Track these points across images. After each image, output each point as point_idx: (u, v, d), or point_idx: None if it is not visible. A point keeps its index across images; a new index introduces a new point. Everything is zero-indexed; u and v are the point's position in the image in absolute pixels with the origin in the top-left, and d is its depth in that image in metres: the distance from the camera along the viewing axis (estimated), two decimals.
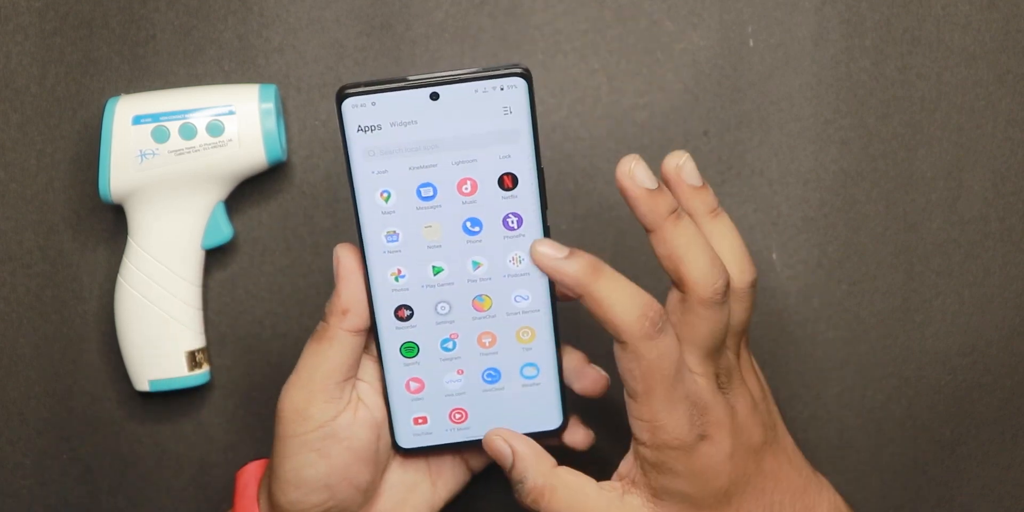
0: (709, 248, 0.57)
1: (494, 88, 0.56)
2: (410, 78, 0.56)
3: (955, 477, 0.72)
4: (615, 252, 0.70)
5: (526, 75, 0.56)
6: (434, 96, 0.56)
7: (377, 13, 0.69)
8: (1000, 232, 0.71)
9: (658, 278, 0.70)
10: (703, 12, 0.69)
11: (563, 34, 0.70)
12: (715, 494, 0.58)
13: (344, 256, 0.59)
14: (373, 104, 0.56)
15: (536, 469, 0.59)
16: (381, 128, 0.56)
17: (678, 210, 0.57)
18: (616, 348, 0.57)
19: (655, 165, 0.70)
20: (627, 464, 0.59)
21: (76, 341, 0.71)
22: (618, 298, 0.56)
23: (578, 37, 0.70)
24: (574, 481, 0.59)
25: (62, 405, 0.71)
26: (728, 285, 0.57)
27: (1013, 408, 0.72)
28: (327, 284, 0.70)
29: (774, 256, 0.71)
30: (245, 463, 0.71)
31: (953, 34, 0.70)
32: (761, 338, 0.71)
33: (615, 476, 0.60)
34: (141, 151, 0.66)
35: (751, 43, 0.70)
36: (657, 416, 0.56)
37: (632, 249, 0.70)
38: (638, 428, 0.57)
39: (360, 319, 0.59)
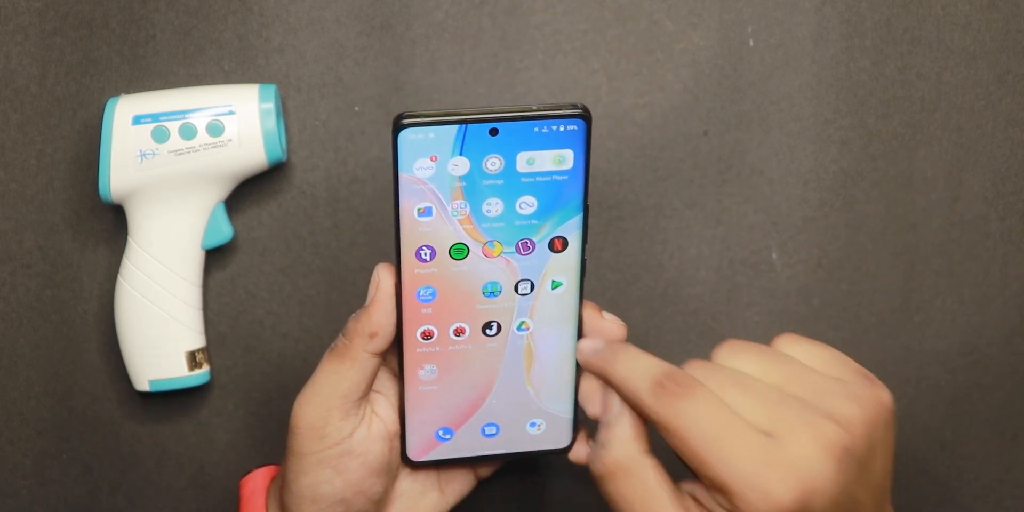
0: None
1: (554, 127, 0.56)
2: (468, 111, 0.55)
3: (955, 477, 0.72)
4: (615, 252, 0.70)
5: (586, 116, 0.55)
6: (493, 132, 0.55)
7: (377, 13, 0.69)
8: (1000, 232, 0.71)
9: (659, 277, 0.71)
10: (703, 12, 0.69)
11: (563, 34, 0.70)
12: None
13: (384, 278, 0.58)
14: (431, 136, 0.55)
15: (626, 444, 0.54)
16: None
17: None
18: (656, 428, 0.53)
19: (657, 164, 0.70)
20: (705, 497, 0.53)
21: (76, 341, 0.71)
22: (629, 373, 0.54)
23: (578, 37, 0.70)
24: (652, 479, 0.53)
25: (62, 405, 0.71)
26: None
27: (1013, 408, 0.72)
28: (327, 284, 0.70)
29: (774, 256, 0.71)
30: (244, 463, 0.71)
31: (953, 34, 0.70)
32: (761, 338, 0.71)
33: (687, 487, 0.54)
34: (141, 151, 0.66)
35: (751, 43, 0.70)
36: (727, 486, 0.50)
37: (632, 249, 0.70)
38: (717, 499, 0.51)
39: (386, 342, 0.58)
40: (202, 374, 0.69)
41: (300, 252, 0.70)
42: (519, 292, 0.59)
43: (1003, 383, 0.72)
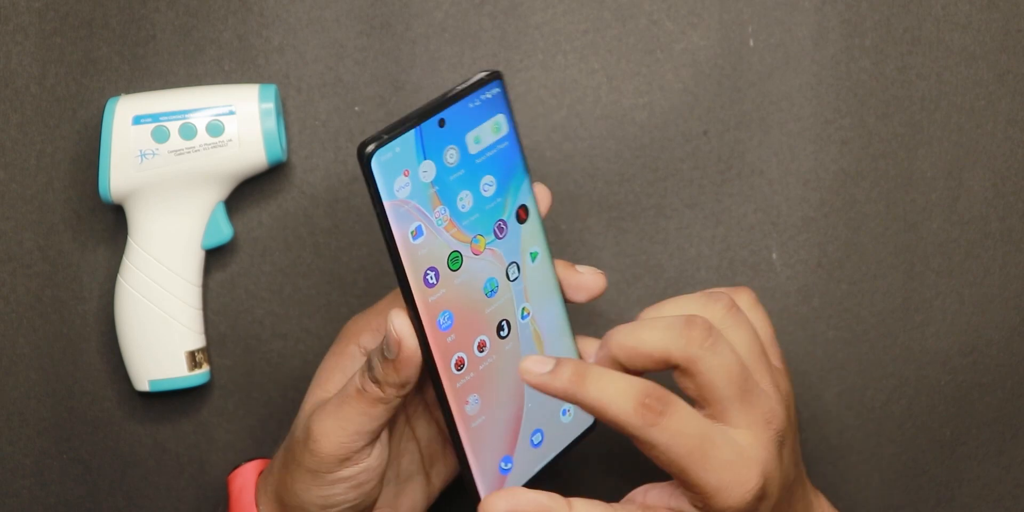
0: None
1: (483, 97, 0.56)
2: (412, 114, 0.54)
3: (955, 477, 0.72)
4: (615, 252, 0.70)
5: (499, 75, 0.56)
6: (441, 123, 0.55)
7: (377, 13, 0.69)
8: (1000, 232, 0.71)
9: (658, 277, 0.71)
10: (703, 12, 0.69)
11: (563, 34, 0.70)
12: None
13: (404, 330, 0.55)
14: (397, 150, 0.53)
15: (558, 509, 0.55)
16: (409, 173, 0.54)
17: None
18: (634, 442, 0.55)
19: (657, 164, 0.70)
20: (660, 499, 0.57)
21: (76, 341, 0.71)
22: (607, 397, 0.53)
23: (578, 37, 0.70)
24: None
25: (62, 405, 0.71)
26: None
27: (1013, 408, 0.72)
28: (327, 284, 0.70)
29: (774, 256, 0.71)
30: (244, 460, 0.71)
31: (953, 34, 0.70)
32: None
33: (636, 497, 0.57)
34: (141, 151, 0.66)
35: (751, 43, 0.70)
36: (705, 489, 0.54)
37: (632, 249, 0.70)
38: (690, 496, 0.55)
39: (413, 384, 0.57)
40: (202, 374, 0.69)
41: (300, 252, 0.70)
42: (510, 279, 0.58)
43: (1003, 383, 0.72)
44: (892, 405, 0.72)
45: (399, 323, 0.55)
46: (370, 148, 0.52)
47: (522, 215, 0.58)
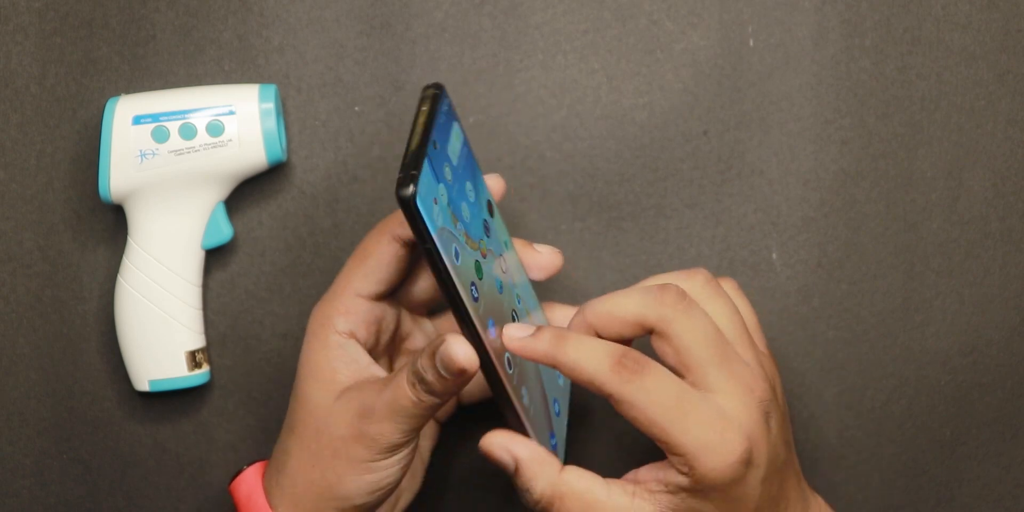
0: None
1: (444, 110, 0.57)
2: (414, 142, 0.54)
3: (955, 477, 0.72)
4: (615, 252, 0.70)
5: (442, 86, 0.57)
6: (436, 145, 0.55)
7: (377, 13, 0.69)
8: (1000, 232, 0.71)
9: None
10: (703, 12, 0.69)
11: (563, 34, 0.70)
12: None
13: (470, 356, 0.56)
14: (425, 182, 0.54)
15: (543, 476, 0.57)
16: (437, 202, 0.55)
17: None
18: (612, 404, 0.56)
19: (657, 164, 0.70)
20: (650, 473, 0.58)
21: (76, 341, 0.71)
22: (584, 357, 0.55)
23: (578, 37, 0.70)
24: (583, 485, 0.57)
25: (62, 405, 0.71)
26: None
27: (1013, 408, 0.72)
28: (327, 284, 0.70)
29: (774, 256, 0.71)
30: (244, 463, 0.71)
31: (953, 34, 0.70)
32: None
33: (628, 476, 0.59)
34: (141, 151, 0.66)
35: (751, 43, 0.70)
36: (686, 449, 0.55)
37: (632, 249, 0.70)
38: (674, 461, 0.56)
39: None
40: (202, 374, 0.69)
41: (300, 252, 0.70)
42: (503, 271, 0.60)
43: (1003, 383, 0.72)
44: (892, 405, 0.72)
45: (462, 349, 0.55)
46: (410, 189, 0.52)
47: (490, 209, 0.61)
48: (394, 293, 0.63)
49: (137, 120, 0.66)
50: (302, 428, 0.61)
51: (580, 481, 0.57)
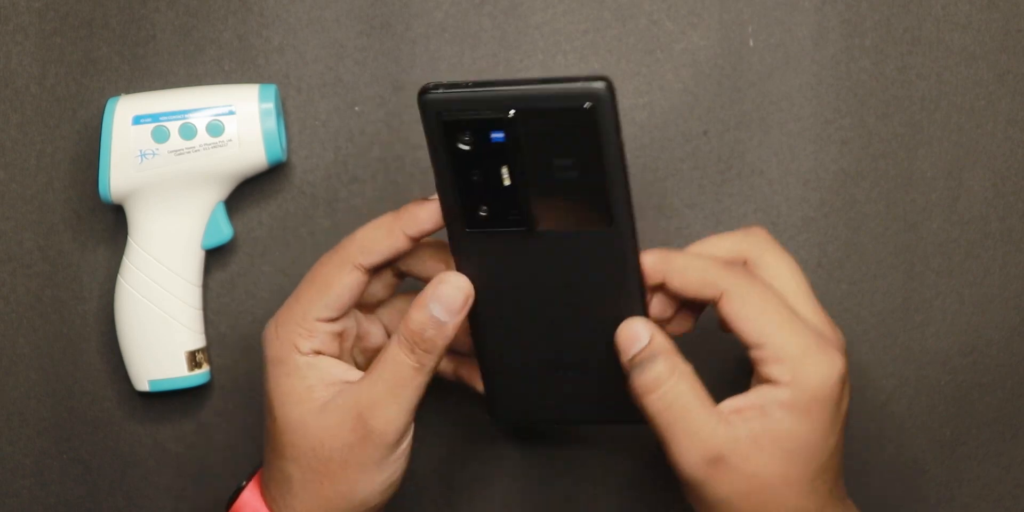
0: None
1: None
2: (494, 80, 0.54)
3: (955, 477, 0.72)
4: None
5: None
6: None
7: (377, 13, 0.69)
8: (1000, 232, 0.71)
9: None
10: (703, 12, 0.69)
11: (563, 34, 0.70)
12: (822, 460, 0.58)
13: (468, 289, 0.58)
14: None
15: (669, 358, 0.58)
16: None
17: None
18: (720, 306, 0.57)
19: (657, 164, 0.70)
20: (740, 401, 0.58)
21: (76, 341, 0.71)
22: (694, 261, 0.58)
23: (578, 37, 0.70)
24: (692, 388, 0.57)
25: (62, 405, 0.71)
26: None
27: (1013, 408, 0.72)
28: None
29: None
30: (244, 464, 0.71)
31: (953, 34, 0.70)
32: None
33: (724, 404, 0.58)
34: (141, 151, 0.66)
35: (751, 43, 0.70)
36: (789, 351, 0.56)
37: None
38: (778, 370, 0.57)
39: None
40: (202, 374, 0.69)
41: (300, 252, 0.70)
42: None
43: (1003, 383, 0.72)
44: (892, 405, 0.72)
45: (458, 279, 0.58)
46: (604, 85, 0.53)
47: None
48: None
49: (137, 120, 0.66)
50: (294, 451, 0.60)
51: (693, 382, 0.57)
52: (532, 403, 0.62)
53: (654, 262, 0.58)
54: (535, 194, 0.55)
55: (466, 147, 0.54)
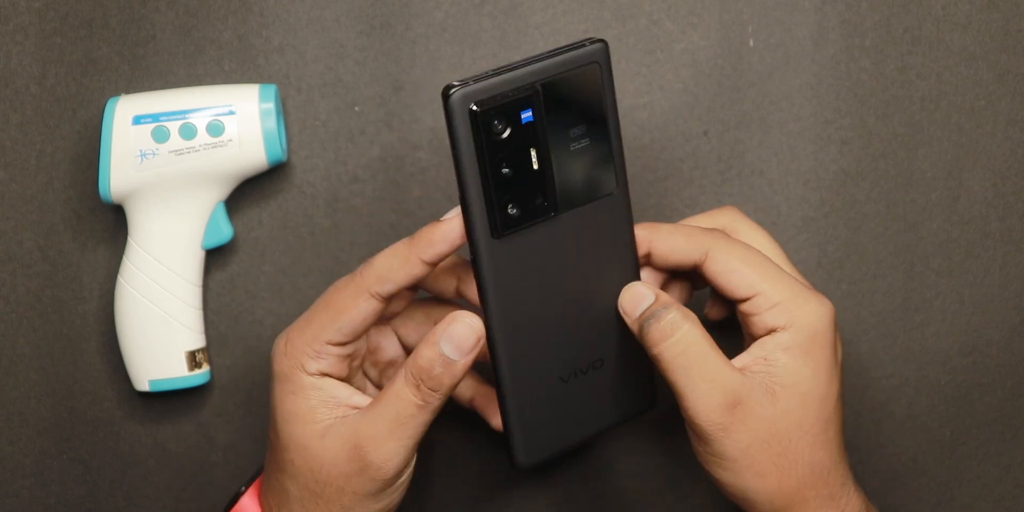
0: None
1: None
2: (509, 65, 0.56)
3: (955, 477, 0.72)
4: None
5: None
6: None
7: (377, 13, 0.69)
8: (1000, 232, 0.71)
9: None
10: (703, 12, 0.69)
11: (563, 34, 0.69)
12: (829, 408, 0.59)
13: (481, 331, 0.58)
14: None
15: (680, 308, 0.58)
16: None
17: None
18: (706, 265, 0.59)
19: (657, 164, 0.70)
20: (743, 358, 0.59)
21: (76, 341, 0.71)
22: (678, 229, 0.60)
23: (578, 37, 0.69)
24: (705, 335, 0.58)
25: (62, 405, 0.71)
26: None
27: (1013, 408, 0.72)
28: (327, 284, 0.70)
29: None
30: (244, 463, 0.71)
31: (953, 34, 0.70)
32: None
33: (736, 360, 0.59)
34: (141, 151, 0.66)
35: (751, 43, 0.70)
36: (785, 295, 0.58)
37: None
38: (772, 315, 0.58)
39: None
40: (202, 374, 0.69)
41: (300, 252, 0.70)
42: None
43: (1003, 383, 0.72)
44: (892, 405, 0.72)
45: (470, 321, 0.57)
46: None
47: None
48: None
49: (137, 120, 0.66)
50: (293, 469, 0.60)
51: (704, 332, 0.58)
52: (556, 428, 0.61)
53: (641, 233, 0.60)
54: (558, 172, 0.56)
55: (499, 136, 0.55)
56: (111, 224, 0.70)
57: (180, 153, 0.66)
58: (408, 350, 0.65)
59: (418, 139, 0.70)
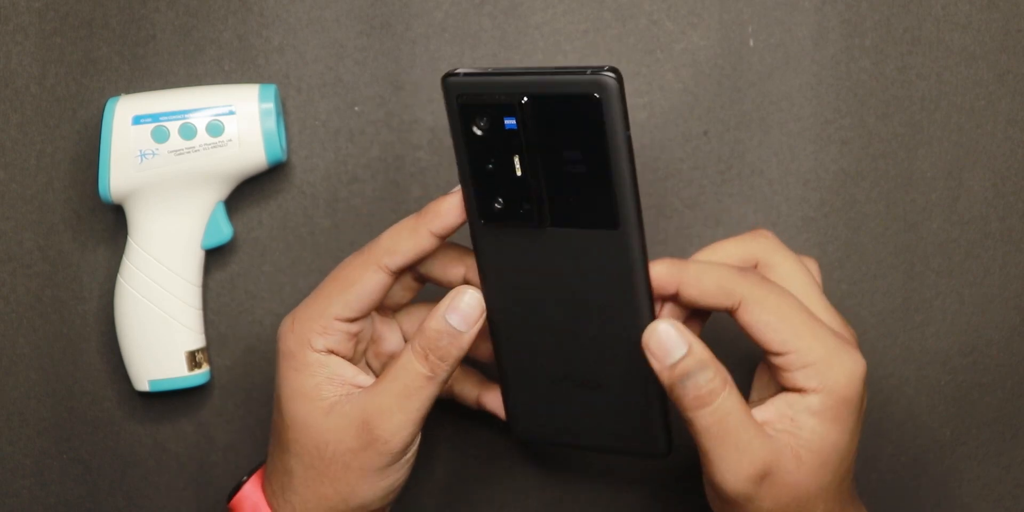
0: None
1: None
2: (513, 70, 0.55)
3: (955, 477, 0.72)
4: None
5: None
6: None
7: (377, 13, 0.69)
8: (1000, 232, 0.71)
9: None
10: (703, 12, 0.69)
11: (563, 34, 0.70)
12: (848, 463, 0.57)
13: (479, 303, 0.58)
14: None
15: (717, 369, 0.56)
16: None
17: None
18: (738, 315, 0.56)
19: (657, 164, 0.70)
20: (771, 411, 0.57)
21: (76, 341, 0.71)
22: (709, 269, 0.57)
23: (578, 37, 0.70)
24: (741, 400, 0.56)
25: (62, 405, 0.71)
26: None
27: (1013, 408, 0.72)
28: None
29: None
30: (244, 463, 0.71)
31: (953, 34, 0.70)
32: None
33: (755, 414, 0.57)
34: (141, 151, 0.66)
35: (751, 43, 0.70)
36: (818, 356, 0.56)
37: None
38: (804, 376, 0.56)
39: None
40: (202, 374, 0.69)
41: (300, 252, 0.70)
42: None
43: (1003, 383, 0.72)
44: (892, 405, 0.72)
45: (474, 293, 0.58)
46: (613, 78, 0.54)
47: None
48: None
49: (137, 120, 0.66)
50: (298, 447, 0.60)
51: (740, 396, 0.56)
52: (551, 421, 0.62)
53: (667, 272, 0.57)
54: (545, 187, 0.55)
55: (480, 132, 0.54)
56: (111, 224, 0.70)
57: (180, 153, 0.66)
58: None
59: (418, 139, 0.70)
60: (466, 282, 0.61)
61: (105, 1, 0.69)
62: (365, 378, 0.60)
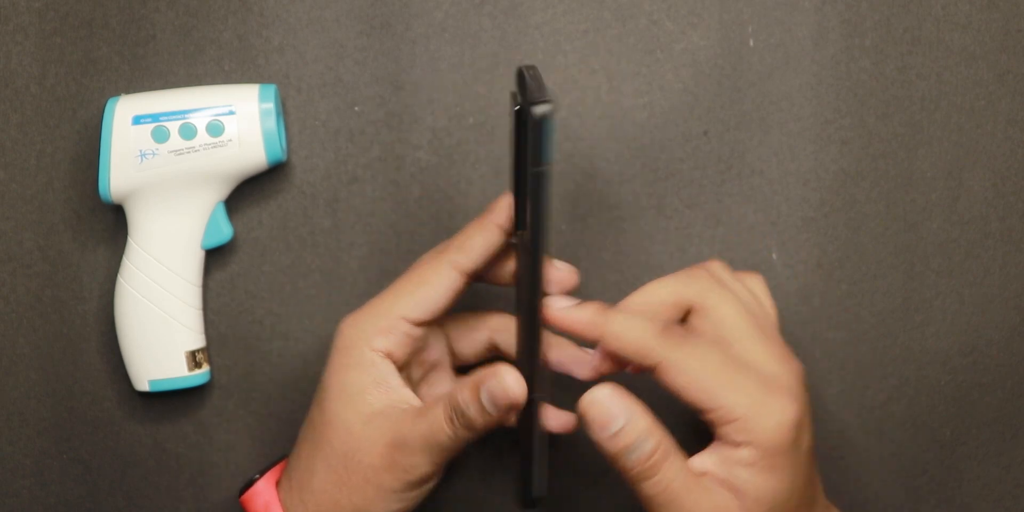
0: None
1: None
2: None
3: (955, 477, 0.72)
4: (615, 252, 0.70)
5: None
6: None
7: (377, 13, 0.69)
8: (1000, 232, 0.71)
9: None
10: (703, 12, 0.69)
11: (563, 34, 0.70)
12: (795, 500, 0.57)
13: (521, 391, 0.57)
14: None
15: (659, 438, 0.56)
16: None
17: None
18: (659, 375, 0.56)
19: (657, 164, 0.70)
20: (707, 462, 0.57)
21: (76, 341, 0.71)
22: (630, 326, 0.56)
23: (578, 37, 0.70)
24: (683, 466, 0.56)
25: (62, 405, 0.71)
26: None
27: (1013, 408, 0.72)
28: (327, 284, 0.70)
29: (774, 256, 0.71)
30: (244, 463, 0.71)
31: (953, 34, 0.70)
32: None
33: (693, 464, 0.57)
34: (141, 151, 0.66)
35: (751, 43, 0.70)
36: (737, 411, 0.55)
37: (632, 249, 0.70)
38: (732, 430, 0.55)
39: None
40: (202, 374, 0.69)
41: (300, 252, 0.70)
42: None
43: (1003, 383, 0.72)
44: (892, 405, 0.72)
45: (514, 380, 0.56)
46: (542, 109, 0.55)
47: None
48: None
49: (137, 120, 0.66)
50: (329, 449, 0.60)
51: (681, 462, 0.56)
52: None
53: (591, 321, 0.57)
54: (520, 191, 0.56)
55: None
56: (111, 224, 0.70)
57: (180, 153, 0.66)
58: (453, 354, 0.65)
59: (418, 139, 0.70)
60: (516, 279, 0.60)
61: (105, 1, 0.69)
62: (406, 393, 0.60)
